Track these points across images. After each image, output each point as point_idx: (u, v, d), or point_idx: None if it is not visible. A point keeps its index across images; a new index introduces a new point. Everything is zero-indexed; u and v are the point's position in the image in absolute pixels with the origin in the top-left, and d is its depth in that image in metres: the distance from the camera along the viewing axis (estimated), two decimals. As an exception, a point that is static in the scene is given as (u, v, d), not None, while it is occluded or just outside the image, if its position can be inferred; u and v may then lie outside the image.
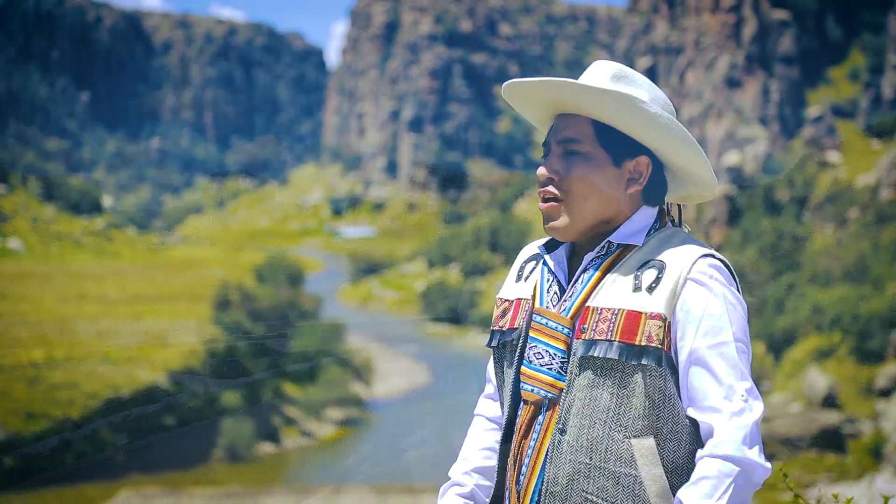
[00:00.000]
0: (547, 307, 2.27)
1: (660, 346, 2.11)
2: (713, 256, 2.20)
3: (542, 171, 2.27)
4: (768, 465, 2.09)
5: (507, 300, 2.39)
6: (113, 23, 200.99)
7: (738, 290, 2.23)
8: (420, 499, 29.35)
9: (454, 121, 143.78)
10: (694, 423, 2.19)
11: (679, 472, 2.17)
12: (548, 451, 2.22)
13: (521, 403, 2.28)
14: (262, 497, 30.16)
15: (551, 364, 2.22)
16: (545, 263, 2.34)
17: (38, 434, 34.22)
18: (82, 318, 45.25)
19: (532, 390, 2.25)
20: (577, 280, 2.25)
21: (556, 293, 2.27)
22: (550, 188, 2.25)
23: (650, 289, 2.15)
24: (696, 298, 2.13)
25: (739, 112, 71.84)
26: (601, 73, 2.27)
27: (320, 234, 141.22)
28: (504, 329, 2.35)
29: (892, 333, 42.88)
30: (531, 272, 2.37)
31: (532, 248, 2.44)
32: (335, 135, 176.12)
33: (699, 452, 2.11)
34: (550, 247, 2.35)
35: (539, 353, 2.25)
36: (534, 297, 2.32)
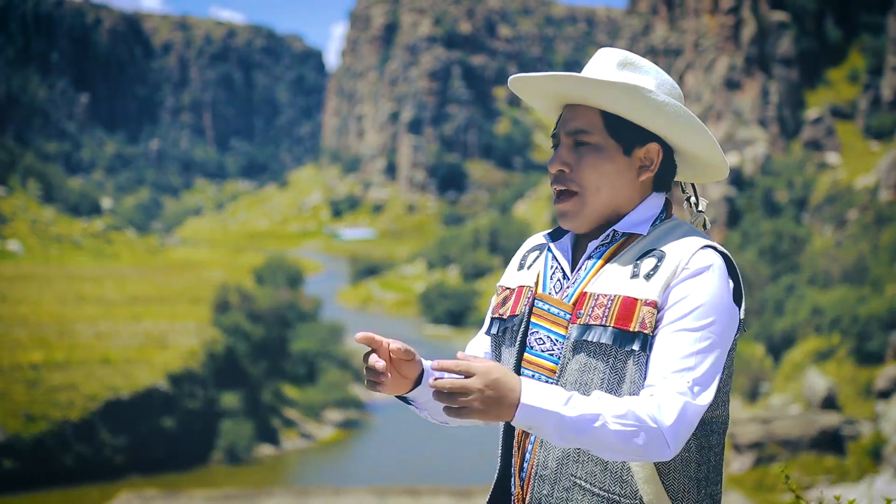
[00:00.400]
0: (549, 293, 2.27)
1: (649, 333, 2.11)
2: (714, 249, 2.18)
3: (553, 163, 2.25)
4: (669, 455, 2.05)
5: (507, 288, 2.38)
6: (112, 25, 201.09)
7: (739, 284, 2.21)
8: (420, 501, 29.33)
9: (453, 122, 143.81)
10: None
11: (668, 461, 2.16)
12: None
13: None
14: (261, 499, 30.13)
15: (553, 350, 2.22)
16: (549, 251, 2.34)
17: (38, 436, 34.20)
18: (82, 320, 45.27)
19: (533, 376, 2.24)
20: (580, 267, 2.25)
21: (559, 280, 2.27)
22: (563, 181, 2.25)
23: (647, 276, 2.15)
24: (686, 286, 2.12)
25: (738, 114, 71.89)
26: (607, 62, 2.26)
27: (319, 235, 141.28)
28: (505, 317, 2.34)
29: (892, 335, 42.89)
30: (534, 261, 2.37)
31: (537, 238, 2.44)
32: (334, 136, 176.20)
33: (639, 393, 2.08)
34: (555, 235, 2.36)
35: (540, 338, 2.25)
36: (536, 284, 2.31)
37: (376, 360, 2.17)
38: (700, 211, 2.38)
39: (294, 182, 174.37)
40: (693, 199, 2.39)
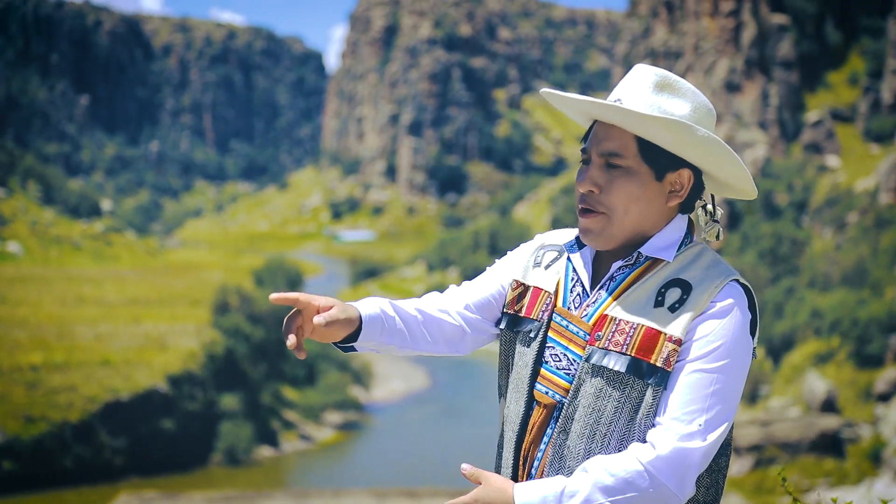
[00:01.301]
0: (569, 309, 2.24)
1: (670, 371, 2.11)
2: (738, 282, 2.17)
3: (582, 182, 2.21)
4: (681, 501, 2.08)
5: (522, 284, 2.34)
6: (112, 26, 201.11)
7: (756, 316, 2.20)
8: (419, 502, 29.35)
9: (453, 124, 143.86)
10: None
11: None
12: (551, 453, 2.20)
13: (534, 403, 2.25)
14: (260, 501, 30.14)
15: (569, 369, 2.20)
16: (569, 260, 2.31)
17: (38, 437, 34.20)
18: (81, 322, 45.26)
19: (547, 393, 2.22)
20: (601, 286, 2.22)
21: (578, 295, 2.24)
22: (591, 200, 2.20)
23: (672, 308, 2.13)
24: (710, 324, 2.11)
25: (738, 116, 71.94)
26: (643, 83, 2.20)
27: (319, 237, 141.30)
28: (520, 315, 2.31)
29: (891, 338, 42.89)
30: (552, 262, 2.33)
31: (555, 237, 2.40)
32: (334, 138, 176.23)
33: (634, 446, 2.09)
34: (575, 244, 2.32)
35: (556, 355, 2.22)
36: (556, 294, 2.28)
37: (289, 340, 2.11)
38: (715, 220, 2.34)
39: (294, 184, 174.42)
40: (710, 206, 2.35)
